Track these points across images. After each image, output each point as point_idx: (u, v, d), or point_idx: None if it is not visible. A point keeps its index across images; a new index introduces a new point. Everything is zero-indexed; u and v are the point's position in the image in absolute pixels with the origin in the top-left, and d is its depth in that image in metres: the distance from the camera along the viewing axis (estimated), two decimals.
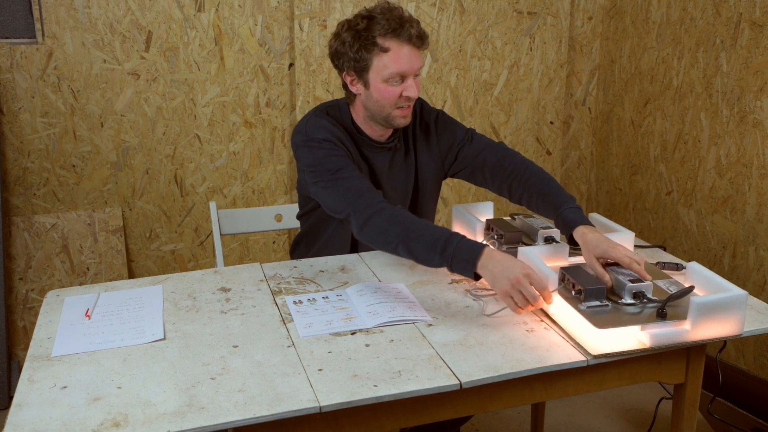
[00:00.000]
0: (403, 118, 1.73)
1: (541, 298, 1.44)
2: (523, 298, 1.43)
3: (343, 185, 1.66)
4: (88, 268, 2.71)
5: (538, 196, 1.73)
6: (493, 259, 1.47)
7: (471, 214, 1.88)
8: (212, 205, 2.16)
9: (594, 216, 1.84)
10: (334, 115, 1.79)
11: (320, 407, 1.18)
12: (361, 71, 1.69)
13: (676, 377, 1.48)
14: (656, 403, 2.07)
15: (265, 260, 2.95)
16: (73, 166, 2.67)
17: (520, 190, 1.78)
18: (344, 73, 1.73)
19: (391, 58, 1.65)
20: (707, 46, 2.52)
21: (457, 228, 1.92)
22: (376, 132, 1.80)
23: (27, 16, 2.55)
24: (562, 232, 1.68)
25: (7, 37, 2.54)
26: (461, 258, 1.49)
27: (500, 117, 3.12)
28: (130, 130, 2.71)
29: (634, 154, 3.00)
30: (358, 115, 1.79)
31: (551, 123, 3.20)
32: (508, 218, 1.94)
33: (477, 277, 1.50)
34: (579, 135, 3.28)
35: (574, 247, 1.64)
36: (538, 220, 1.84)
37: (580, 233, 1.59)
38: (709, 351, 1.57)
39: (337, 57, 1.72)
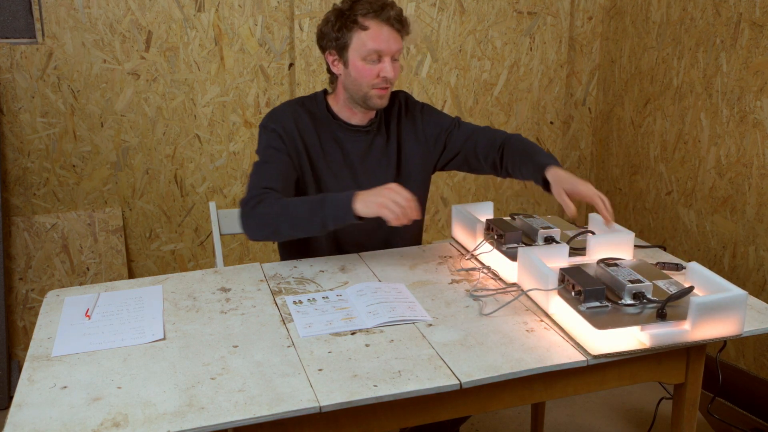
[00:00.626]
0: (379, 98, 1.77)
1: (412, 203, 1.56)
2: (397, 204, 1.54)
3: (255, 174, 1.73)
4: (88, 268, 2.71)
5: (521, 158, 1.80)
6: (364, 193, 1.61)
7: (471, 214, 1.88)
8: (212, 205, 2.16)
9: (595, 216, 1.84)
10: (309, 105, 1.84)
11: (320, 407, 1.18)
12: (342, 50, 1.74)
13: (676, 377, 1.48)
14: (656, 403, 2.07)
15: (265, 260, 2.95)
16: (73, 166, 2.67)
17: (504, 159, 1.85)
18: (327, 52, 1.79)
19: (370, 36, 1.70)
20: (707, 46, 2.52)
21: (457, 228, 1.93)
22: (355, 116, 1.84)
23: (27, 16, 2.55)
24: (536, 182, 1.75)
25: (7, 37, 2.54)
26: (338, 204, 1.60)
27: (500, 117, 3.11)
28: (130, 130, 2.71)
29: (634, 154, 2.99)
30: (338, 99, 1.83)
31: (551, 123, 3.20)
32: (508, 218, 1.94)
33: (360, 219, 1.59)
34: (579, 135, 3.28)
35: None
36: (538, 220, 1.84)
37: (552, 172, 1.69)
38: (709, 351, 1.57)
39: (321, 38, 1.79)
